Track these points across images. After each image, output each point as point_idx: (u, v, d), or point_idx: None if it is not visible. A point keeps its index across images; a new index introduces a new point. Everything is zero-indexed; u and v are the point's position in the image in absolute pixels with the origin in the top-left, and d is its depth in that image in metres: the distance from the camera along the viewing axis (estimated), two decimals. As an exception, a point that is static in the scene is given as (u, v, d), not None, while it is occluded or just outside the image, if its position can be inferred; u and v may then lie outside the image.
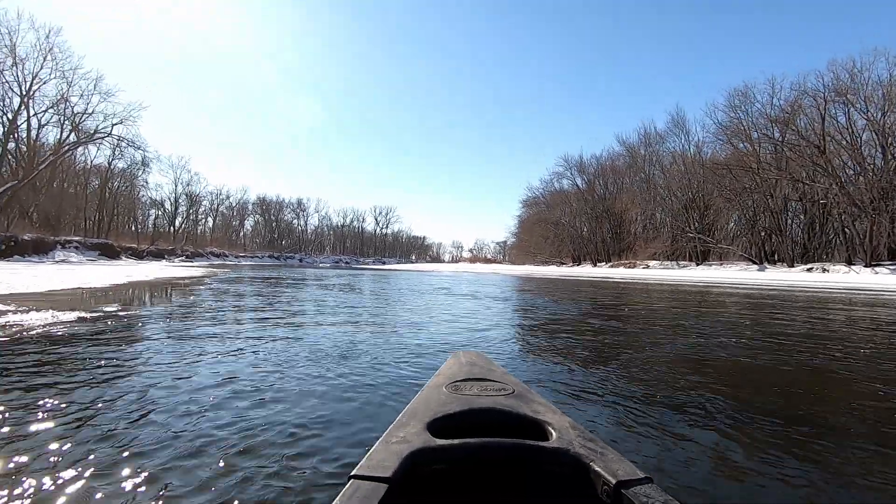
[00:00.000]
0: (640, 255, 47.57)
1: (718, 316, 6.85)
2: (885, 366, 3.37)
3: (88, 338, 3.63)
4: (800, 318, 6.66)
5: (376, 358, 3.19)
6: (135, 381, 2.42)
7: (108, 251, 36.46)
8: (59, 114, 33.72)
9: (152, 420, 1.86)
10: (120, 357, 3.00)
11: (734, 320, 6.31)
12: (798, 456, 1.67)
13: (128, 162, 44.50)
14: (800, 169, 33.21)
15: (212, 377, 2.54)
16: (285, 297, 8.18)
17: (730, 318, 6.53)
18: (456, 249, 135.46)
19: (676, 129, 46.99)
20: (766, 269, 34.11)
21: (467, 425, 1.10)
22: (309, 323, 4.94)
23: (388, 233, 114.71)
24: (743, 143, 38.17)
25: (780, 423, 2.03)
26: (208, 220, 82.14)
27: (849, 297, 11.94)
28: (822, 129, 31.08)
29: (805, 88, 32.40)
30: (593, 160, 60.09)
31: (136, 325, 4.42)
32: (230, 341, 3.66)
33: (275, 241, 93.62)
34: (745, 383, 2.85)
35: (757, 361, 3.46)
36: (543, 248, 66.31)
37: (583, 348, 3.88)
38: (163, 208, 67.68)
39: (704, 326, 5.47)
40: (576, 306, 8.05)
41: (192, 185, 71.04)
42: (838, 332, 5.33)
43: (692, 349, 3.90)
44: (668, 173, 47.34)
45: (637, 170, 52.43)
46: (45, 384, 2.33)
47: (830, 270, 29.42)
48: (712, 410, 2.19)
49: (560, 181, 65.00)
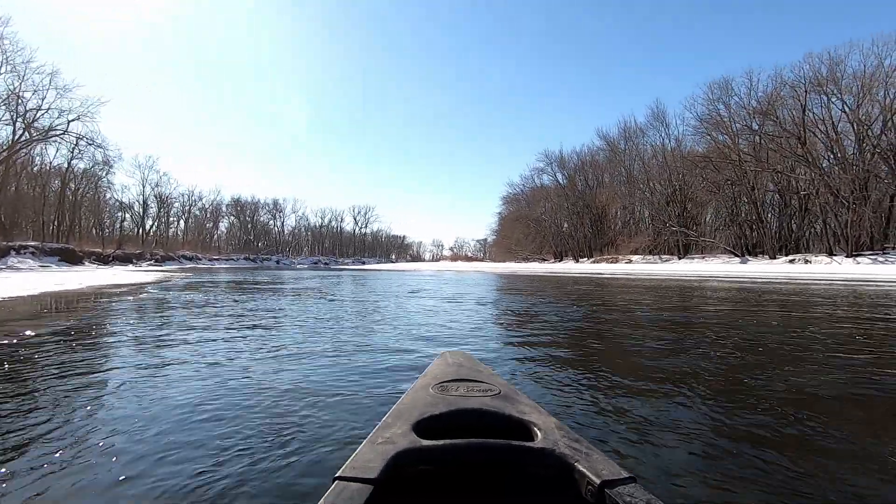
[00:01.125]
0: (622, 250, 47.36)
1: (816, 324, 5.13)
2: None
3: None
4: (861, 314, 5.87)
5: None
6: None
7: (69, 256, 34.29)
8: (10, 110, 31.45)
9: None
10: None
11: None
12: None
13: (89, 162, 42.12)
14: (780, 160, 33.23)
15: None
16: (234, 309, 6.53)
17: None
18: (436, 248, 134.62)
19: (657, 123, 46.84)
20: (748, 262, 34.06)
21: (454, 426, 1.09)
22: (234, 356, 3.28)
23: (367, 232, 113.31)
24: (723, 136, 38.15)
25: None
26: (180, 222, 79.54)
27: (853, 291, 11.37)
28: (803, 120, 31.07)
29: (784, 80, 32.45)
30: (574, 155, 59.92)
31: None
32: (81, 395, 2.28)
33: (250, 242, 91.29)
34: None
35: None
36: (524, 244, 65.86)
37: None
38: (131, 210, 65.02)
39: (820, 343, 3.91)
40: (593, 311, 7.10)
41: (162, 186, 68.49)
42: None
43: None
44: (648, 167, 47.15)
45: (617, 164, 52.19)
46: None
47: (812, 262, 29.42)
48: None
49: (540, 177, 64.76)
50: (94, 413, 2.04)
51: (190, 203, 79.33)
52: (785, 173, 33.02)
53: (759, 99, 35.47)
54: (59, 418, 1.95)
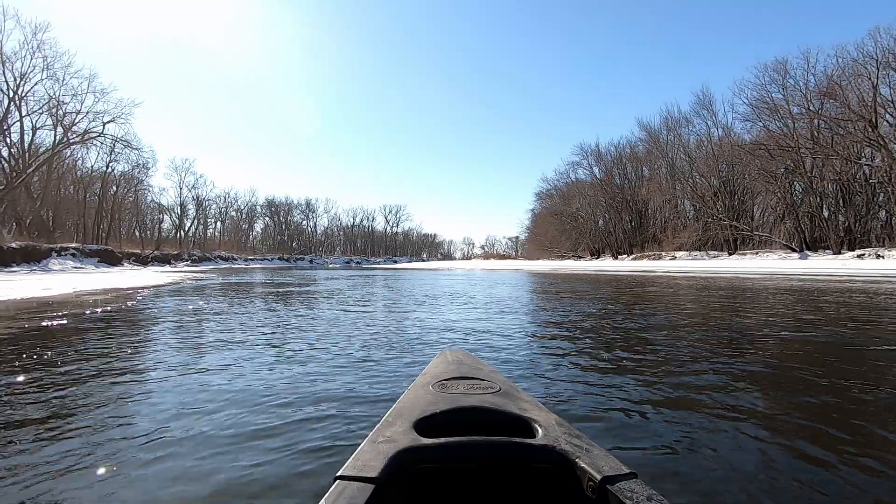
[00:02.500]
0: (665, 246, 44.83)
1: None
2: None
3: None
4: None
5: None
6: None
7: (109, 257, 35.00)
8: (51, 115, 32.18)
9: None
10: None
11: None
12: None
13: (129, 165, 43.12)
14: (845, 146, 30.26)
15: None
16: (245, 319, 5.46)
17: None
18: (467, 246, 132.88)
19: (703, 110, 43.77)
20: (808, 257, 31.29)
21: (454, 424, 1.08)
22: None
23: (398, 231, 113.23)
24: (779, 122, 35.26)
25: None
26: (217, 223, 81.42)
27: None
28: (874, 101, 28.03)
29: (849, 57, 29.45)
30: (611, 148, 57.34)
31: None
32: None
33: (285, 242, 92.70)
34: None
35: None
36: (559, 241, 63.56)
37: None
38: (169, 212, 66.65)
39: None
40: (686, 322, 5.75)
41: (199, 187, 70.00)
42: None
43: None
44: (694, 158, 44.24)
45: (660, 155, 49.35)
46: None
47: (887, 257, 26.57)
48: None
49: (575, 171, 62.28)
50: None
51: (226, 204, 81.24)
52: (852, 160, 30.02)
53: (818, 80, 32.53)
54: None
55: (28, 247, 26.59)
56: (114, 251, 36.90)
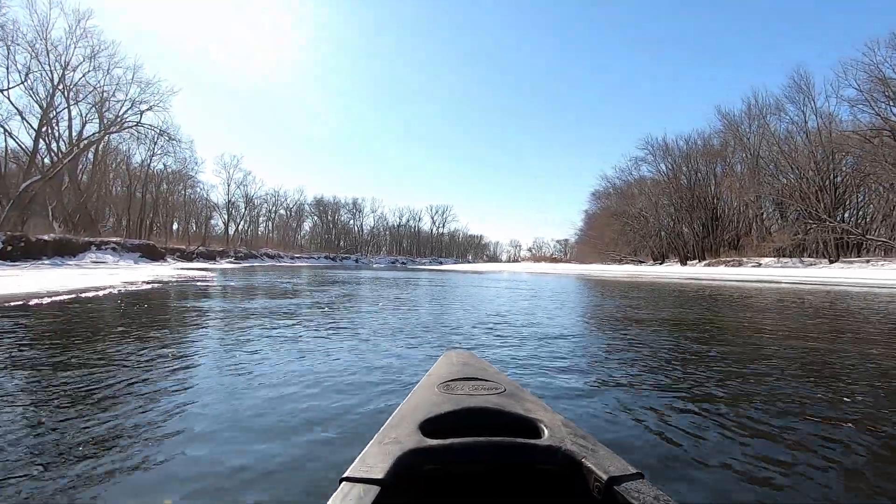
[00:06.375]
0: (747, 252, 39.26)
1: None
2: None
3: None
4: None
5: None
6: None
7: (151, 252, 34.31)
8: (94, 106, 31.61)
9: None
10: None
11: None
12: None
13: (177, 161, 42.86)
14: None
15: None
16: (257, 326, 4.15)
17: None
18: (514, 248, 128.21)
19: (799, 96, 37.53)
20: (942, 269, 25.44)
21: (460, 425, 1.07)
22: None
23: (444, 232, 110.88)
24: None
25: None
26: (268, 222, 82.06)
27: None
28: None
29: None
30: (679, 141, 51.44)
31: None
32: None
33: (331, 241, 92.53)
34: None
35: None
36: (617, 244, 58.34)
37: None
38: (218, 209, 67.10)
39: None
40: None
41: (247, 184, 70.11)
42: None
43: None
44: (788, 151, 38.21)
45: (740, 147, 43.45)
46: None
47: None
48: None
49: (639, 167, 56.66)
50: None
51: (276, 203, 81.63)
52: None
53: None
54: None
55: (63, 240, 25.72)
56: (156, 246, 36.23)
